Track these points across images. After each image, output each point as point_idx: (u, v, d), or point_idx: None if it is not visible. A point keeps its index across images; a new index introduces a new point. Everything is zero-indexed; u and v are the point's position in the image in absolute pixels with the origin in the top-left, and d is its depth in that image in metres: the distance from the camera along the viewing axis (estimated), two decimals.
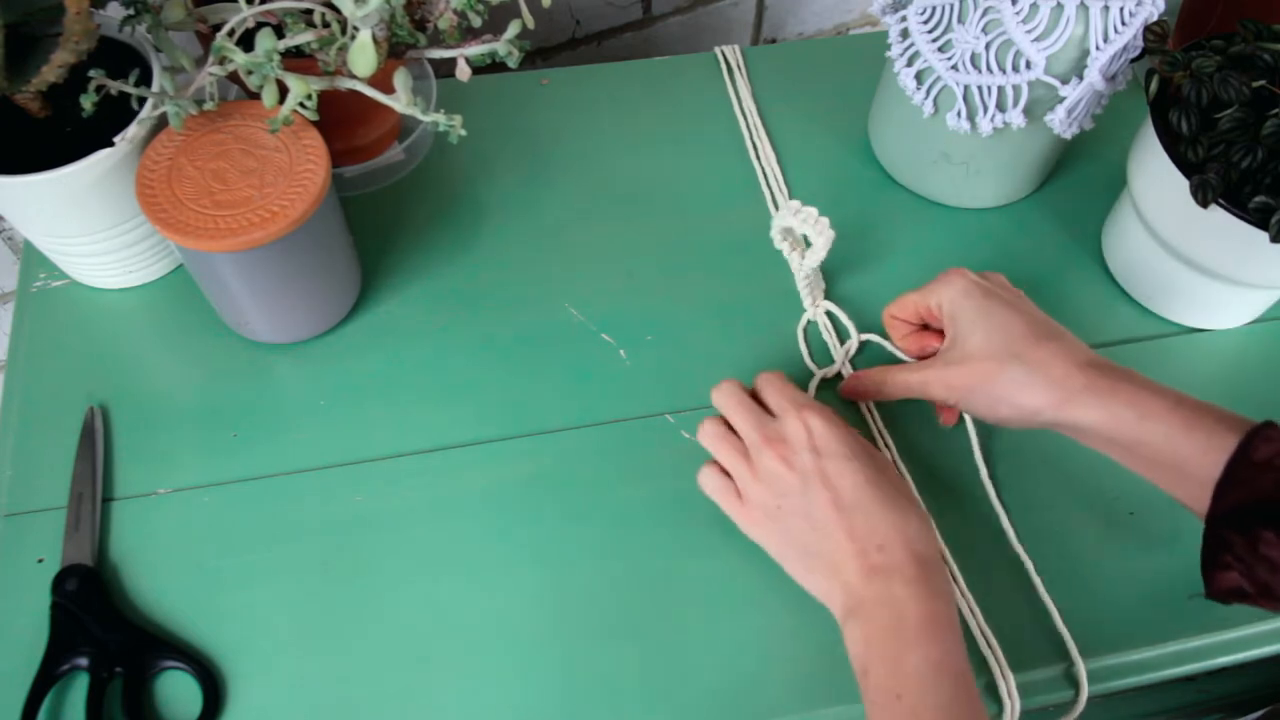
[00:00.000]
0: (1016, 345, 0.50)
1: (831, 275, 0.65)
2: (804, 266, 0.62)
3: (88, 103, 0.50)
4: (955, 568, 0.54)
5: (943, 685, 0.43)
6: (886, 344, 0.61)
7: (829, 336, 0.63)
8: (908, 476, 0.57)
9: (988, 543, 0.56)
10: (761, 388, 0.54)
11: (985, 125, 0.61)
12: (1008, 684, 0.51)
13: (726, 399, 0.54)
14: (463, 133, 0.53)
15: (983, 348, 0.51)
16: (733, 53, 0.77)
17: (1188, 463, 0.45)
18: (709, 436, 0.53)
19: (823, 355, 0.62)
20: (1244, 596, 0.43)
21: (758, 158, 0.71)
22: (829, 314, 0.63)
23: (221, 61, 0.51)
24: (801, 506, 0.49)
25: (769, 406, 0.53)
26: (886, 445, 0.59)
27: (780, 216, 0.61)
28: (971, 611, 0.53)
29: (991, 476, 0.58)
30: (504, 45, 0.52)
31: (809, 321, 0.63)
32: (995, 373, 0.50)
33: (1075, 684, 0.51)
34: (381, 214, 0.67)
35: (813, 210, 0.59)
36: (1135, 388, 0.48)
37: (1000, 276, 0.57)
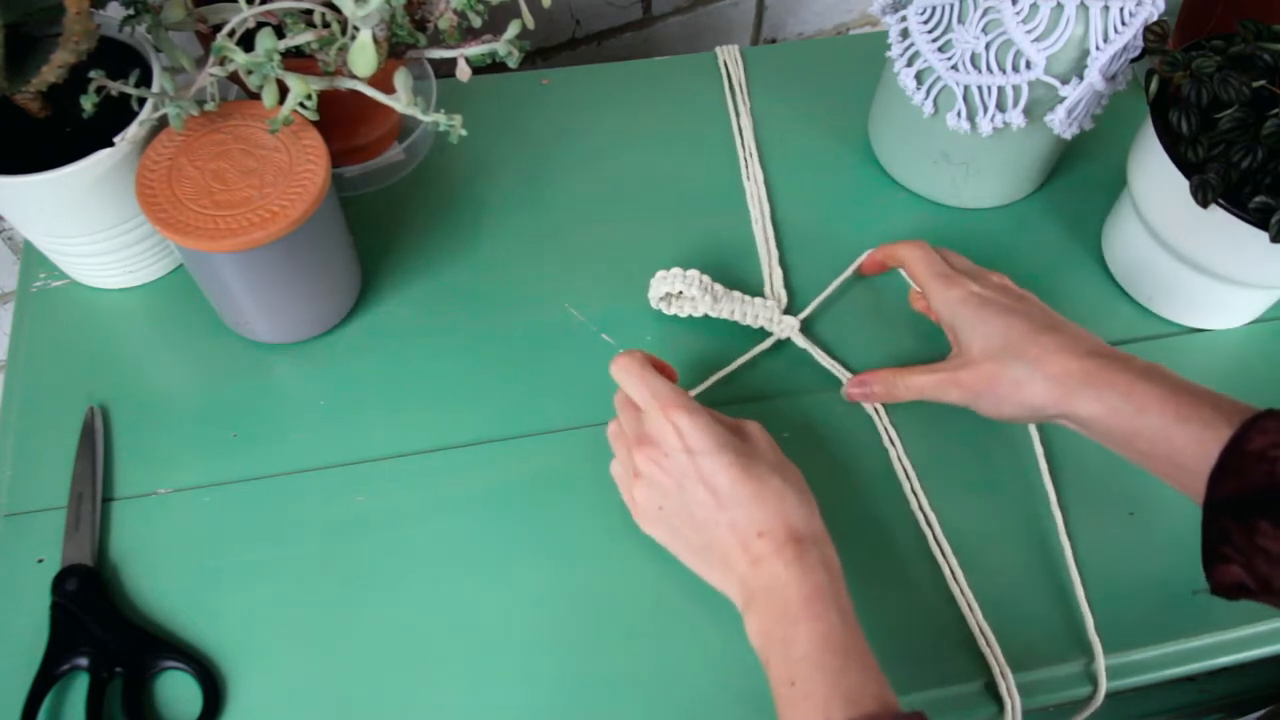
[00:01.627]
0: (1015, 345, 0.51)
1: (830, 276, 0.65)
2: (705, 310, 0.61)
3: (88, 103, 0.50)
4: (955, 564, 0.54)
5: (830, 660, 0.43)
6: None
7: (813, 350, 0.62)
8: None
9: (987, 542, 0.56)
10: (620, 379, 0.53)
11: (985, 125, 0.61)
12: (1007, 683, 0.51)
13: (620, 379, 0.53)
14: (463, 133, 0.53)
15: (984, 350, 0.52)
16: (731, 54, 0.77)
17: (1182, 454, 0.45)
18: (610, 432, 0.54)
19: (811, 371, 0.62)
20: (1246, 591, 0.43)
21: (745, 164, 0.71)
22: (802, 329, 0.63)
23: (222, 62, 0.51)
24: (683, 508, 0.49)
25: (635, 400, 0.52)
26: (893, 442, 0.58)
27: (655, 287, 0.62)
28: (970, 609, 0.53)
29: (991, 477, 0.58)
30: (504, 45, 0.52)
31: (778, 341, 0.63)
32: (998, 374, 0.51)
33: (1094, 681, 0.52)
34: (381, 214, 0.67)
35: (677, 271, 0.61)
36: (1132, 378, 0.48)
37: (1002, 277, 0.57)
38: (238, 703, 0.50)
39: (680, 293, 0.61)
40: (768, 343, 0.62)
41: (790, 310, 0.64)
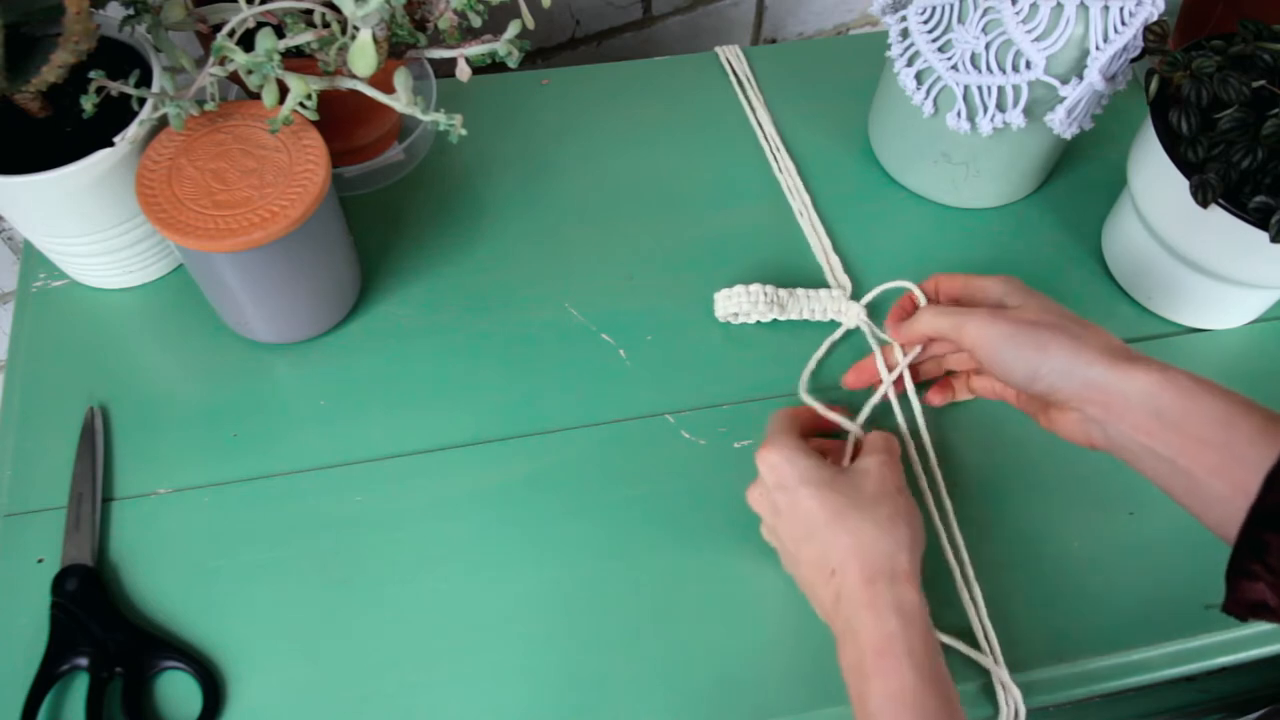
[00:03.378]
0: (1067, 317, 0.49)
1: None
2: (774, 317, 0.62)
3: (88, 103, 0.50)
4: (968, 562, 0.54)
5: (903, 716, 0.42)
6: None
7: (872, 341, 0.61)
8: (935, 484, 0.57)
9: (987, 542, 0.56)
10: None
11: (985, 125, 0.61)
12: (1005, 686, 0.51)
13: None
14: (463, 132, 0.53)
15: (1035, 310, 0.50)
16: (733, 53, 0.77)
17: (1239, 442, 0.41)
18: None
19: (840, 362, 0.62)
20: (1266, 612, 0.40)
21: (774, 158, 0.71)
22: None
23: (222, 61, 0.51)
24: (780, 541, 0.51)
25: None
26: (925, 447, 0.58)
27: (720, 306, 0.62)
28: (976, 608, 0.53)
29: (991, 477, 0.58)
30: (504, 45, 0.52)
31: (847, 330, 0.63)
32: (1047, 324, 0.48)
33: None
34: (381, 214, 0.67)
35: (739, 289, 0.61)
36: (1187, 372, 0.45)
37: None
38: (238, 703, 0.50)
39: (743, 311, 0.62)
40: (838, 333, 0.62)
41: (855, 296, 0.64)
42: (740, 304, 0.61)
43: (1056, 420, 0.50)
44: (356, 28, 0.50)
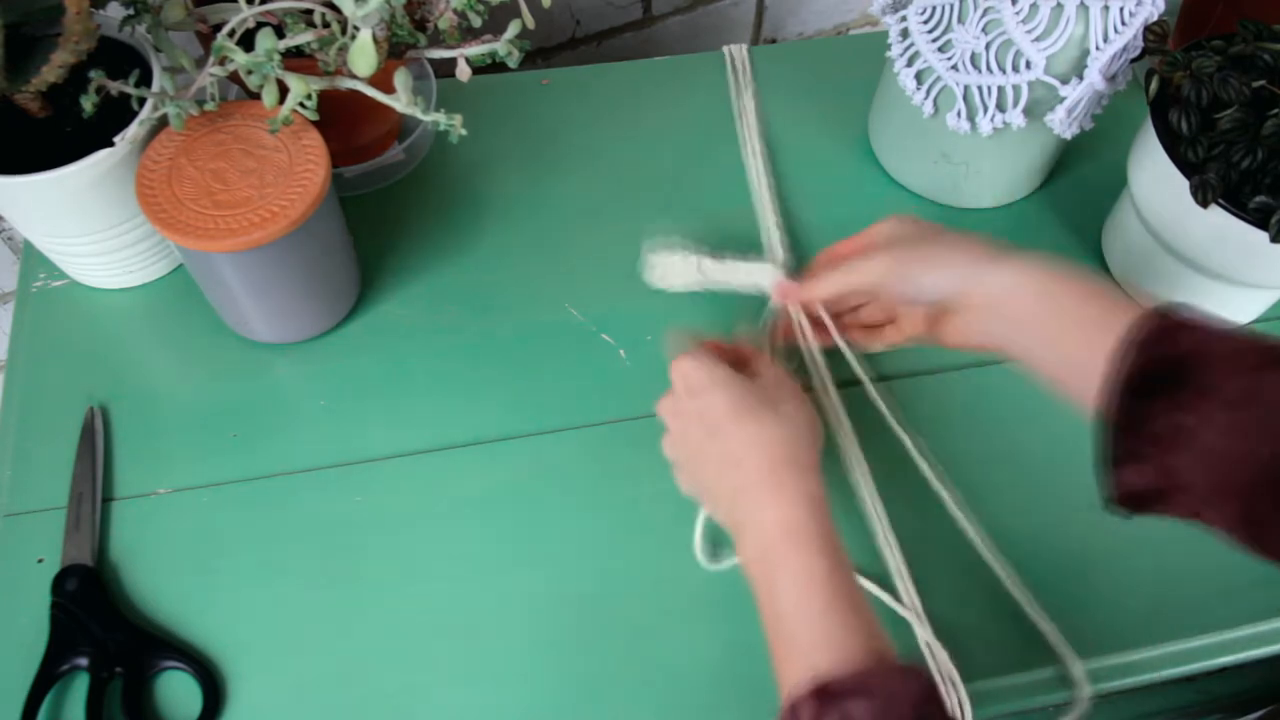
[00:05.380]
0: (947, 231, 0.51)
1: None
2: (696, 277, 0.61)
3: (88, 103, 0.50)
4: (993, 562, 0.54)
5: (814, 598, 0.42)
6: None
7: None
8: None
9: (987, 541, 0.56)
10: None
11: (985, 125, 0.61)
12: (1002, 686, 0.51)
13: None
14: (463, 132, 0.53)
15: (915, 234, 0.52)
16: (740, 51, 0.77)
17: (1100, 322, 0.43)
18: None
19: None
20: (1156, 501, 0.40)
21: (751, 152, 0.71)
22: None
23: (222, 61, 0.51)
24: (688, 448, 0.50)
25: None
26: (916, 446, 0.57)
27: (650, 268, 0.61)
28: (1018, 595, 0.53)
29: (990, 477, 0.58)
30: (504, 45, 0.52)
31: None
32: (927, 240, 0.51)
33: (1073, 684, 0.51)
34: (381, 214, 0.67)
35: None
36: (1043, 262, 0.47)
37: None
38: (238, 703, 0.50)
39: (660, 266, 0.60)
40: (752, 288, 0.60)
41: (790, 271, 0.62)
42: (671, 267, 0.60)
43: (946, 330, 0.51)
44: (356, 28, 0.50)
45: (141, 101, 0.54)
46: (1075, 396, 0.44)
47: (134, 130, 0.53)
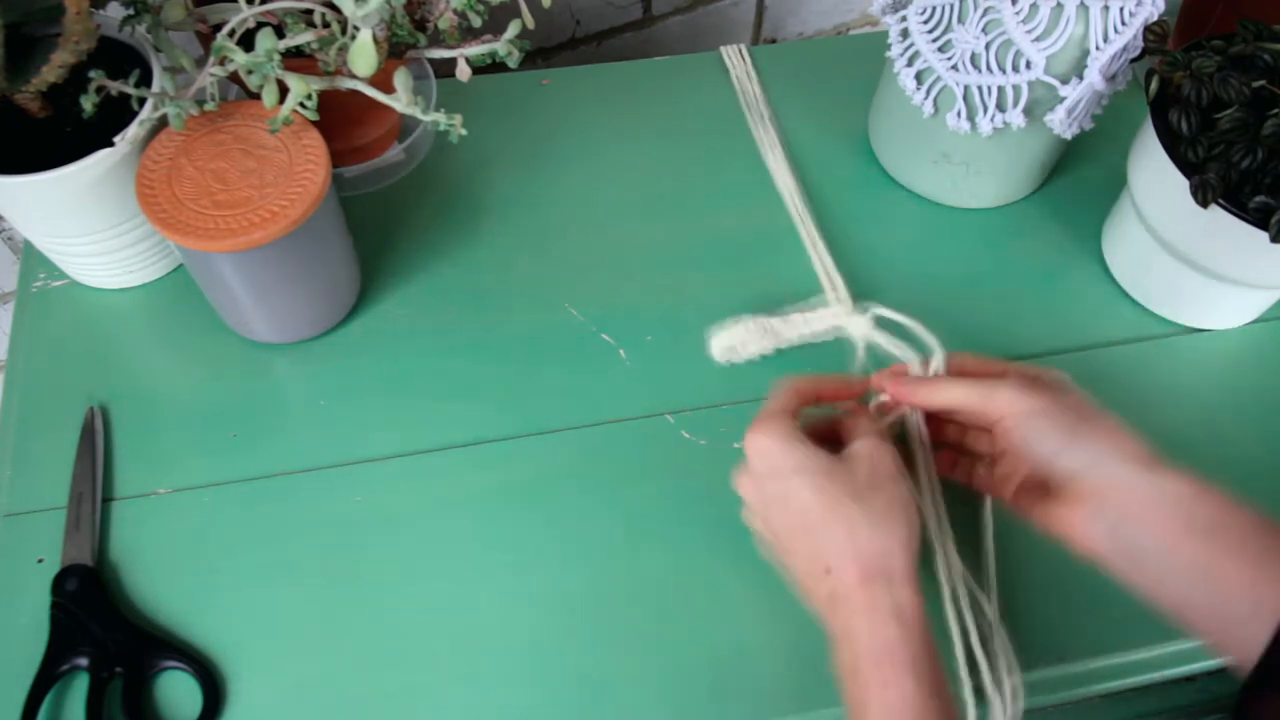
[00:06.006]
0: (1105, 414, 0.46)
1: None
2: (775, 347, 0.61)
3: (88, 103, 0.50)
4: (955, 565, 0.54)
5: None
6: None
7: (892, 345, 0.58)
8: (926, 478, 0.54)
9: (985, 542, 0.56)
10: None
11: (985, 125, 0.61)
12: (1003, 687, 0.51)
13: None
14: (463, 132, 0.53)
15: (1073, 397, 0.47)
16: (739, 52, 0.77)
17: (1270, 558, 0.39)
18: None
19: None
20: None
21: (770, 159, 0.71)
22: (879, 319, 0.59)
23: (222, 61, 0.51)
24: (772, 532, 0.48)
25: None
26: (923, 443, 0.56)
27: (715, 346, 0.61)
28: (978, 606, 0.53)
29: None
30: (504, 45, 0.52)
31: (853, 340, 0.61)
32: (1084, 412, 0.46)
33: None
34: (381, 214, 0.67)
35: (732, 328, 0.60)
36: (1220, 488, 0.42)
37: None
38: (238, 703, 0.50)
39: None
40: (828, 333, 0.61)
41: (856, 308, 0.61)
42: (735, 338, 0.60)
43: (1059, 515, 0.45)
44: (356, 28, 0.50)
45: (141, 101, 0.54)
46: (1213, 635, 0.41)
47: (134, 130, 0.53)
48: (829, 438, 0.50)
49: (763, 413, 0.49)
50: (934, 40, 0.60)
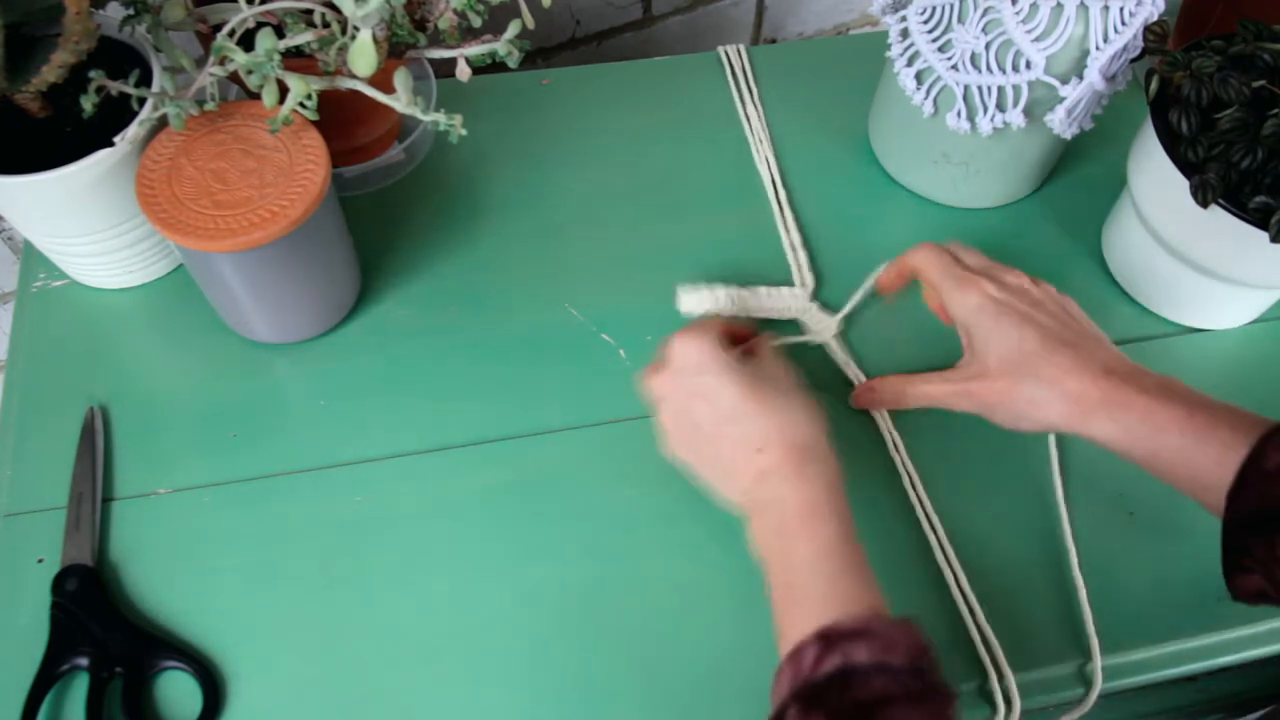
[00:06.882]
0: (1030, 361, 0.50)
1: (830, 277, 0.65)
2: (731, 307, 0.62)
3: (88, 103, 0.50)
4: (957, 565, 0.54)
5: (826, 568, 0.45)
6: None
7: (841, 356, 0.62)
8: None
9: (989, 541, 0.56)
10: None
11: (985, 125, 0.61)
12: (1005, 685, 0.51)
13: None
14: (463, 132, 0.53)
15: (999, 365, 0.51)
16: (737, 52, 0.77)
17: (1203, 473, 0.45)
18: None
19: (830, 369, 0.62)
20: (1267, 598, 0.44)
21: (757, 154, 0.71)
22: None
23: (222, 61, 0.51)
24: (692, 424, 0.51)
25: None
26: (896, 446, 0.58)
27: (683, 302, 0.62)
28: (971, 610, 0.53)
29: (989, 476, 0.58)
30: (504, 45, 0.52)
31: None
32: (1012, 390, 0.50)
33: (1088, 682, 0.51)
34: (381, 214, 0.67)
35: (705, 291, 0.62)
36: (1149, 399, 0.47)
37: (1018, 275, 0.54)
38: (238, 703, 0.50)
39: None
40: (803, 337, 0.62)
41: (817, 296, 0.64)
42: (705, 301, 0.61)
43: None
44: (356, 28, 0.50)
45: (141, 101, 0.54)
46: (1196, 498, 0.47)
47: (134, 130, 0.53)
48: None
49: (688, 326, 0.53)
50: (934, 40, 0.60)
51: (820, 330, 0.62)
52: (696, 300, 0.62)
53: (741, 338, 0.57)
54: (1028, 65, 0.58)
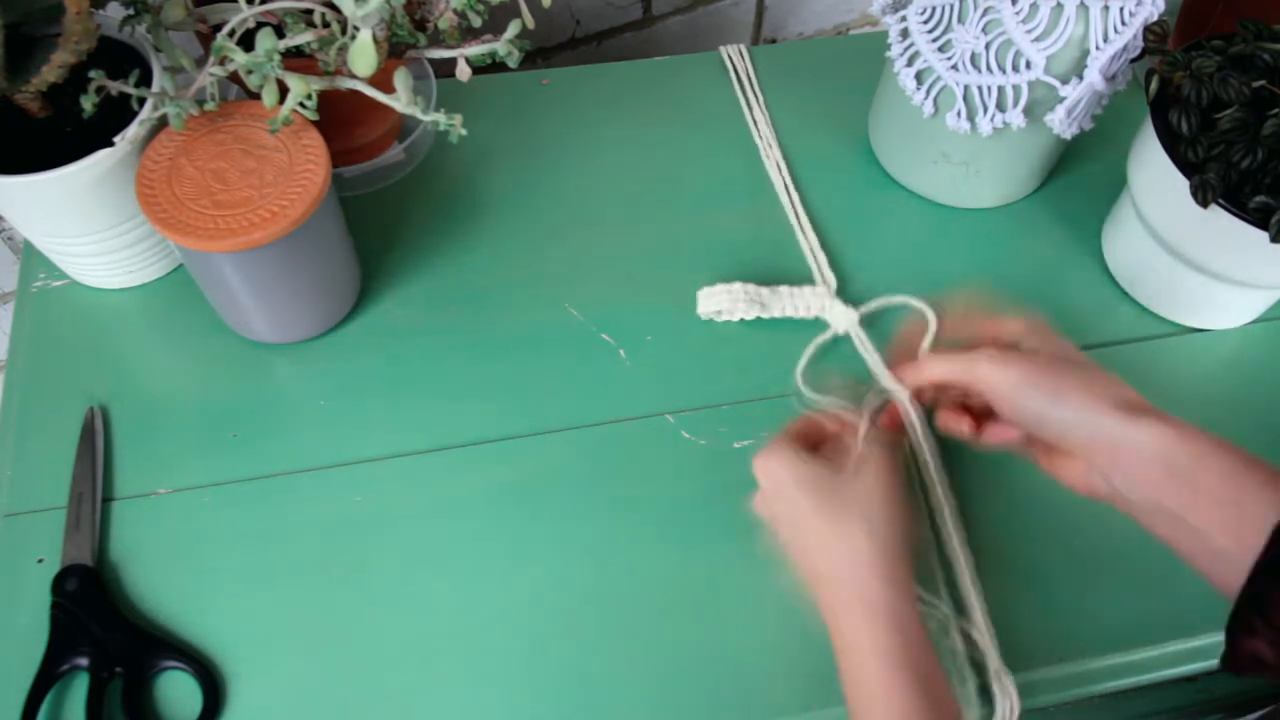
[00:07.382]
0: (1082, 364, 0.48)
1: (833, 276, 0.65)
2: (756, 315, 0.62)
3: (88, 103, 0.50)
4: (964, 564, 0.54)
5: None
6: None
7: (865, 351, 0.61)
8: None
9: (986, 542, 0.56)
10: None
11: (985, 125, 0.61)
12: (1004, 684, 0.51)
13: None
14: (463, 132, 0.53)
15: (1048, 355, 0.49)
16: (738, 52, 0.77)
17: (1247, 500, 0.42)
18: None
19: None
20: (1263, 667, 0.40)
21: (767, 156, 0.71)
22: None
23: (222, 61, 0.51)
24: (790, 547, 0.50)
25: None
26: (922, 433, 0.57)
27: (702, 304, 0.62)
28: (971, 610, 0.53)
29: (989, 476, 0.58)
30: (504, 45, 0.52)
31: (834, 336, 0.62)
32: (1059, 370, 0.47)
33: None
34: (381, 214, 0.67)
35: (721, 288, 0.62)
36: (1197, 428, 0.44)
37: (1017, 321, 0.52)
38: (238, 703, 0.50)
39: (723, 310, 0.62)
40: (825, 335, 0.62)
41: (841, 292, 0.64)
42: (721, 302, 0.61)
43: (1061, 467, 0.49)
44: (356, 28, 0.50)
45: (141, 101, 0.54)
46: (1203, 570, 0.44)
47: (134, 130, 0.53)
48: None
49: (771, 440, 0.51)
50: (934, 40, 0.60)
51: (840, 321, 0.62)
52: (714, 301, 0.62)
53: (828, 437, 0.53)
54: (1028, 65, 0.58)
